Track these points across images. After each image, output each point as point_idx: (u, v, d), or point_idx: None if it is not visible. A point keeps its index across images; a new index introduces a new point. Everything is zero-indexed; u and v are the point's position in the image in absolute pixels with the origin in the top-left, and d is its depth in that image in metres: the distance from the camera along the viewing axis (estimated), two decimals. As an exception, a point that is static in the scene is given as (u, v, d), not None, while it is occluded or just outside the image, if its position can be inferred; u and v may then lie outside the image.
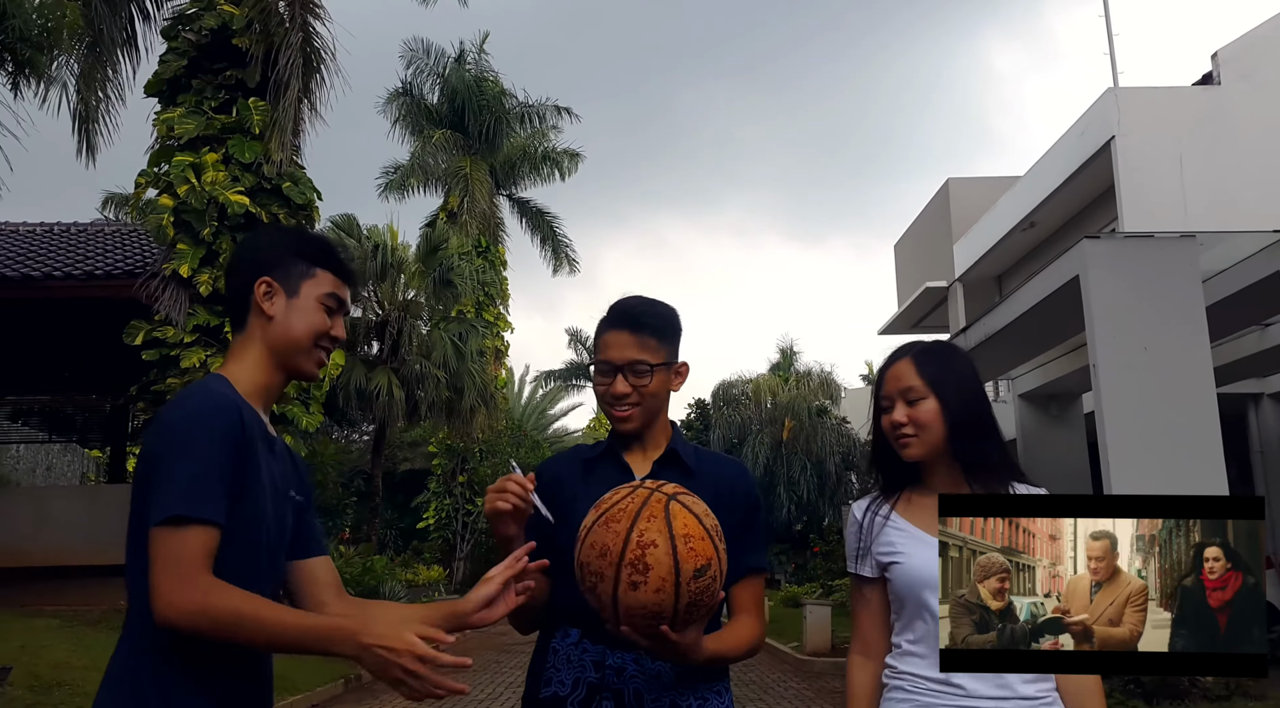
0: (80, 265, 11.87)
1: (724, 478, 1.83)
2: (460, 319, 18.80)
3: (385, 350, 17.23)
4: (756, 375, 32.06)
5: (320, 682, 9.48)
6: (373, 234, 18.01)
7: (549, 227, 31.13)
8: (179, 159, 11.25)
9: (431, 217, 27.98)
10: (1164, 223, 11.19)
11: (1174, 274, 6.11)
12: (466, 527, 24.63)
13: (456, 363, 17.48)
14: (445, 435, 22.03)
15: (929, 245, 18.07)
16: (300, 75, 11.30)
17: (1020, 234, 14.55)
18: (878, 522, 1.81)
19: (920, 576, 1.72)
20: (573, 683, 1.75)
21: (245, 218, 11.32)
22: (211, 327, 11.20)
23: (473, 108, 27.32)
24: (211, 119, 11.55)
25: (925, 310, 18.39)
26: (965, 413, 1.75)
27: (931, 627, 1.71)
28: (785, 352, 37.97)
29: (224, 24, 11.58)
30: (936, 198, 18.03)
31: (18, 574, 11.21)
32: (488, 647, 15.57)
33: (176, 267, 11.05)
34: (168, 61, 11.94)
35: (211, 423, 1.46)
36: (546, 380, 40.51)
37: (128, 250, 12.85)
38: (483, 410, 18.58)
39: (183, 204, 11.14)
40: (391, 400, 16.57)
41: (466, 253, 19.87)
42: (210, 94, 11.72)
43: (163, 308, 11.04)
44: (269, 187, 11.62)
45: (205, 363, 10.97)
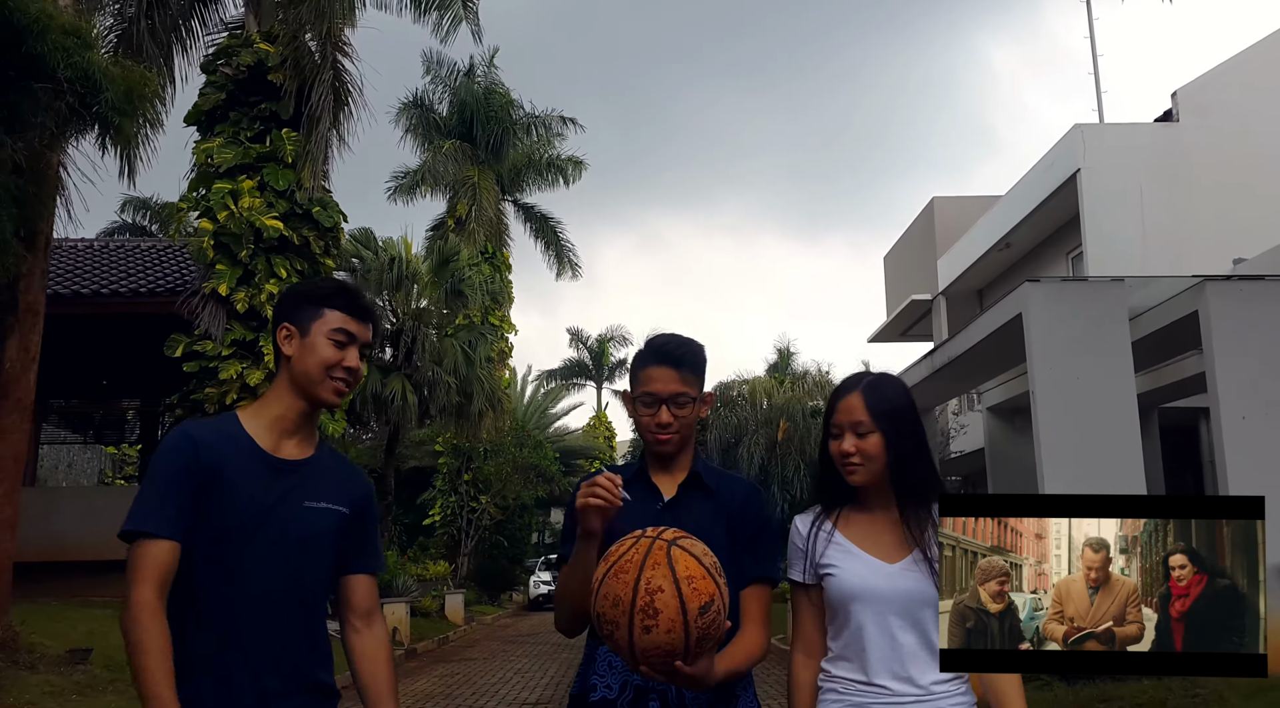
0: (125, 283, 12.84)
1: (738, 496, 2.02)
2: (470, 327, 19.75)
3: (400, 357, 18.20)
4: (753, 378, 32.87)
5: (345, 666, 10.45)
6: (388, 246, 18.98)
7: (553, 232, 31.97)
8: (219, 186, 12.20)
9: (439, 220, 28.94)
10: (1124, 250, 12.20)
11: (1104, 314, 7.07)
12: (470, 524, 25.49)
13: (466, 369, 18.46)
14: (451, 435, 22.94)
15: (915, 259, 19.07)
16: (331, 109, 12.25)
17: (997, 253, 15.56)
18: (821, 536, 1.94)
19: (849, 588, 1.86)
20: (620, 687, 1.89)
21: (279, 240, 12.29)
22: (247, 341, 12.17)
23: (481, 119, 28.21)
24: (248, 148, 12.50)
25: (911, 321, 19.39)
26: (905, 446, 1.88)
27: (858, 635, 1.85)
28: (782, 352, 38.83)
29: (260, 60, 12.53)
30: (922, 215, 19.02)
31: (66, 568, 12.17)
32: (495, 638, 16.57)
33: (216, 285, 12.01)
34: (206, 94, 12.89)
35: (165, 456, 1.76)
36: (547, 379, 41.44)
37: (167, 268, 13.82)
38: (490, 414, 19.57)
39: (222, 228, 12.10)
40: (405, 405, 17.55)
41: (476, 264, 20.80)
42: (246, 125, 12.66)
43: (203, 323, 12.00)
44: (300, 211, 12.58)
45: (241, 374, 11.95)
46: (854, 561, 1.87)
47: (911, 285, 18.75)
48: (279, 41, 12.65)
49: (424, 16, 14.57)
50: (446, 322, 19.27)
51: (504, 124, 28.68)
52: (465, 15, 14.63)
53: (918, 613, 1.82)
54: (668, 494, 1.99)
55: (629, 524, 1.79)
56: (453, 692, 9.62)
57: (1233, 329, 7.08)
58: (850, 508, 1.95)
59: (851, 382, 1.96)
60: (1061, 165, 12.68)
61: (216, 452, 1.78)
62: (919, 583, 1.82)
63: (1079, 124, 12.61)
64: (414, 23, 14.84)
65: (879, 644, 1.82)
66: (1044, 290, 7.21)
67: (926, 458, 1.92)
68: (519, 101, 29.55)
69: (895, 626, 1.82)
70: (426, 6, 14.10)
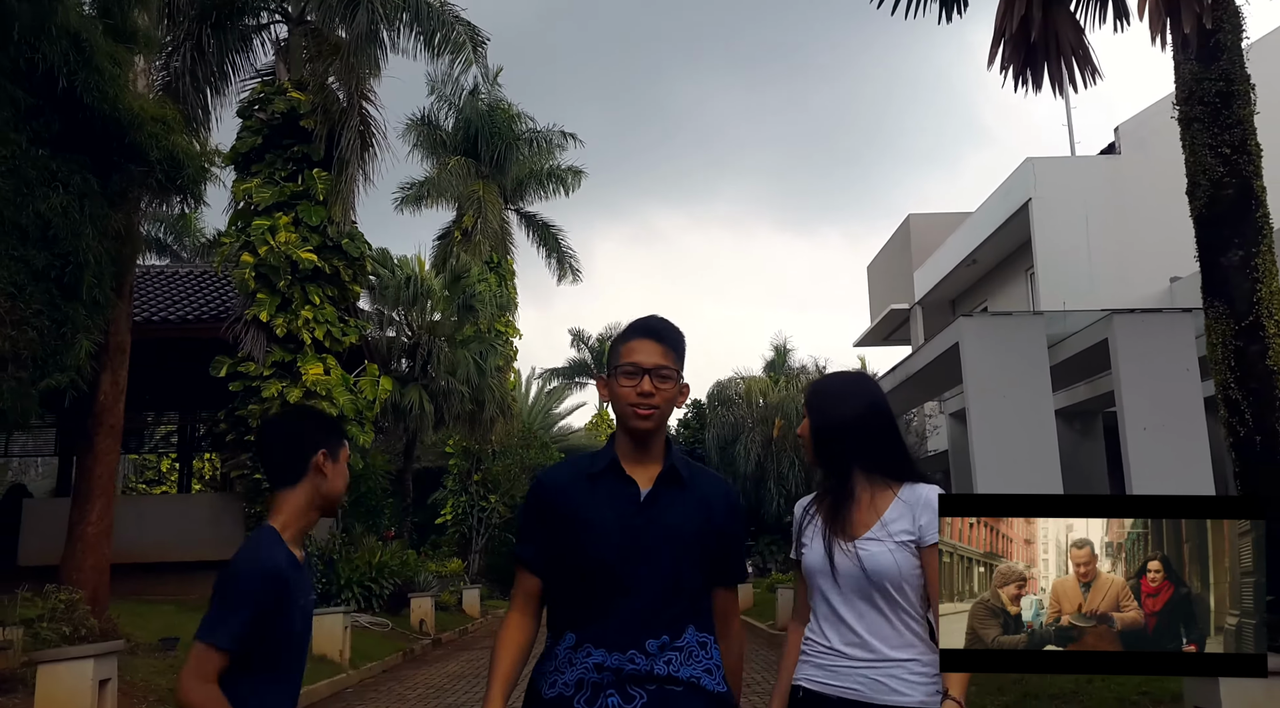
0: (173, 309, 14.22)
1: (712, 493, 2.00)
2: (480, 339, 21.09)
3: (416, 369, 19.56)
4: (749, 377, 34.06)
5: (387, 653, 11.85)
6: (403, 264, 20.35)
7: (554, 239, 33.19)
8: (258, 223, 13.56)
9: (445, 229, 30.25)
10: (1072, 270, 13.57)
11: (1026, 343, 8.42)
12: (481, 522, 26.76)
13: (478, 379, 19.84)
14: (461, 438, 24.23)
15: (894, 271, 20.44)
16: (358, 152, 13.61)
17: (965, 268, 16.93)
18: (807, 517, 2.09)
19: (810, 563, 2.01)
20: (576, 683, 1.86)
21: (313, 271, 13.67)
22: (286, 362, 13.55)
23: (485, 135, 29.47)
24: (282, 187, 13.87)
25: (891, 328, 20.77)
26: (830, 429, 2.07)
27: (820, 604, 2.00)
28: (779, 349, 40.06)
29: (292, 108, 13.89)
30: (900, 230, 20.39)
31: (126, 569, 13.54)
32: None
33: (257, 313, 13.39)
34: (243, 137, 14.26)
35: (251, 584, 1.94)
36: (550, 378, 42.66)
37: (208, 294, 15.19)
38: (501, 420, 20.95)
39: (262, 261, 13.46)
40: (422, 413, 18.93)
41: (485, 278, 22.13)
42: (280, 166, 14.03)
43: (245, 346, 13.39)
44: (331, 244, 13.96)
45: (282, 393, 13.33)
46: (818, 538, 2.01)
47: (890, 295, 20.12)
48: (309, 89, 14.01)
49: (437, 59, 15.88)
50: (459, 334, 20.61)
51: (507, 139, 29.95)
52: (475, 59, 15.95)
53: (874, 584, 1.93)
54: (644, 487, 1.96)
55: (607, 517, 1.89)
56: (479, 674, 10.99)
57: (1135, 354, 8.45)
58: (836, 491, 2.06)
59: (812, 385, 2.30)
60: (1016, 194, 14.03)
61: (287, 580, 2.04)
62: (875, 557, 1.92)
63: (1030, 157, 13.97)
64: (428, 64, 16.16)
65: (836, 613, 1.95)
66: (976, 323, 8.56)
67: (878, 445, 2.04)
68: (522, 115, 30.81)
69: (850, 596, 1.95)
70: (440, 51, 15.37)
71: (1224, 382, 5.97)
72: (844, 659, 1.94)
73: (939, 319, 18.81)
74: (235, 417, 13.76)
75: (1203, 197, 6.24)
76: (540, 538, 1.98)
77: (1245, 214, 6.07)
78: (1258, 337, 5.90)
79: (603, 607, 1.88)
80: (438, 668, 11.62)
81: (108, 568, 8.94)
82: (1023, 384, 8.44)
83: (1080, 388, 11.82)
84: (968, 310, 17.98)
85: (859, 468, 2.02)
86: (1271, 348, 5.89)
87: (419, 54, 15.72)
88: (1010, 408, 8.38)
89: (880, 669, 1.90)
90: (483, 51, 16.06)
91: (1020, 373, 8.42)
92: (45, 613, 6.98)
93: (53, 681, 5.61)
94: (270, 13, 15.14)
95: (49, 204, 7.33)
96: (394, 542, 18.60)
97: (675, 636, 1.89)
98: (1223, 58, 6.16)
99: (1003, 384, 8.39)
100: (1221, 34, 6.15)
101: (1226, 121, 6.13)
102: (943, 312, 19.02)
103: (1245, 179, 6.09)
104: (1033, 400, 8.43)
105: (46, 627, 6.88)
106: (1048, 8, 6.86)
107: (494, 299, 23.02)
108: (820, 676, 1.97)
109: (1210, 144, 6.17)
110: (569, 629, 1.91)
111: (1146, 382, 8.38)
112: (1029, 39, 6.86)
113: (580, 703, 1.85)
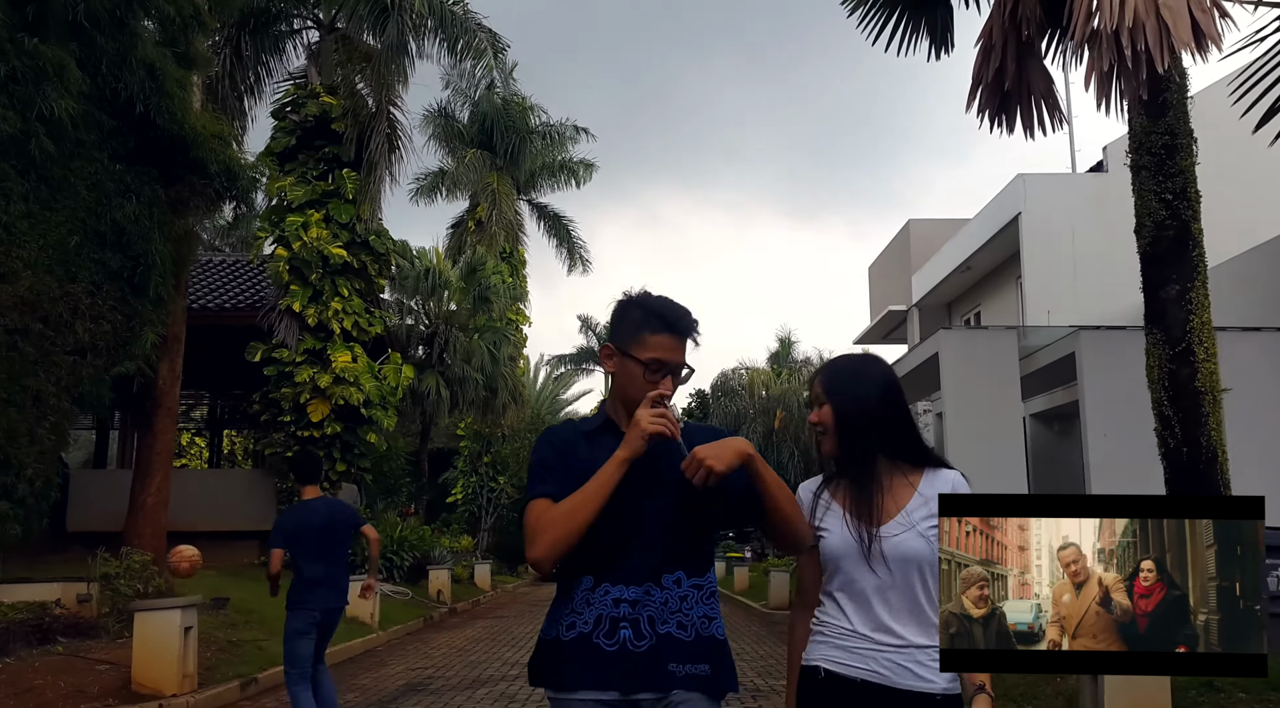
0: (211, 298, 15.15)
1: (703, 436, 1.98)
2: (495, 329, 21.98)
3: (434, 356, 20.47)
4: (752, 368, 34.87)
5: (410, 619, 12.84)
6: (421, 256, 21.22)
7: (565, 230, 34.01)
8: (292, 220, 14.45)
9: (459, 218, 31.11)
10: (1057, 281, 14.37)
11: (999, 354, 9.26)
12: (490, 502, 27.82)
13: (492, 367, 20.74)
14: (473, 421, 25.19)
15: (893, 273, 21.25)
16: (385, 154, 14.48)
17: (960, 274, 17.73)
18: (820, 503, 2.08)
19: (837, 547, 2.00)
20: (595, 620, 1.96)
21: (342, 265, 14.57)
22: (316, 349, 14.47)
23: (500, 128, 30.24)
24: (314, 186, 14.75)
25: (889, 328, 21.60)
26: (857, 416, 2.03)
27: (844, 588, 1.99)
28: (784, 341, 40.83)
29: (324, 111, 14.74)
30: (899, 235, 21.17)
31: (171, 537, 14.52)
32: (519, 602, 18.96)
33: (290, 303, 14.30)
34: (278, 138, 15.12)
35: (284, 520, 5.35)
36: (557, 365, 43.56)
37: (243, 283, 16.11)
38: (513, 406, 21.88)
39: (295, 255, 14.36)
40: (439, 399, 19.85)
41: (499, 271, 23.00)
42: (312, 166, 14.91)
43: (279, 334, 14.31)
44: (359, 240, 14.85)
45: (313, 378, 14.26)
46: (839, 523, 2.00)
47: (890, 297, 20.94)
48: (340, 94, 14.86)
49: (459, 65, 16.68)
50: (473, 324, 21.51)
51: (521, 133, 30.72)
52: (496, 64, 16.76)
53: (899, 570, 1.93)
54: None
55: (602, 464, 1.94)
56: (495, 638, 11.96)
57: (1097, 366, 9.29)
58: (846, 478, 2.06)
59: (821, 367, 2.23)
60: (1007, 207, 14.82)
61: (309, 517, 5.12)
62: (904, 542, 1.93)
63: (1021, 173, 14.75)
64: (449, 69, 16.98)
65: (862, 598, 1.95)
66: (954, 336, 9.41)
67: (898, 429, 2.03)
68: (536, 108, 31.56)
69: (877, 581, 1.94)
70: (462, 57, 16.17)
71: (1158, 399, 6.82)
72: (868, 643, 1.94)
73: (934, 322, 19.63)
74: (269, 398, 14.70)
75: (1147, 236, 7.06)
76: (559, 475, 2.00)
77: (1183, 253, 6.90)
78: (1189, 361, 6.74)
79: (616, 549, 1.95)
80: (456, 633, 12.59)
81: (164, 535, 9.89)
82: (995, 392, 9.30)
83: (1059, 392, 12.66)
84: (963, 313, 18.83)
85: (882, 454, 2.02)
86: (1200, 372, 6.73)
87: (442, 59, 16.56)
88: (983, 412, 9.25)
89: (905, 654, 1.91)
90: (503, 58, 16.90)
91: (993, 381, 9.28)
92: (121, 571, 7.95)
93: (148, 626, 6.60)
94: (302, 19, 15.96)
95: (124, 213, 8.23)
96: (411, 518, 19.62)
97: (687, 574, 1.98)
98: (1169, 114, 6.98)
99: (976, 391, 9.26)
100: (1168, 93, 6.96)
101: (1170, 171, 6.95)
102: (938, 315, 19.84)
103: (1184, 222, 6.91)
104: (1003, 406, 9.30)
105: (124, 583, 7.86)
106: (1021, 59, 7.65)
107: (508, 291, 23.89)
108: (841, 657, 1.96)
109: (1155, 190, 7.00)
110: (585, 573, 1.98)
111: (1106, 392, 9.22)
112: (1003, 87, 7.64)
113: (599, 638, 1.95)
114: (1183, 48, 5.89)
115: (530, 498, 2.00)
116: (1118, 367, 9.25)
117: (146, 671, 6.66)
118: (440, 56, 16.46)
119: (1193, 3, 5.95)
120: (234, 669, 7.85)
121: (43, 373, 7.72)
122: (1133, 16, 5.90)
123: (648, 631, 1.94)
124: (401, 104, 14.92)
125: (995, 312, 16.95)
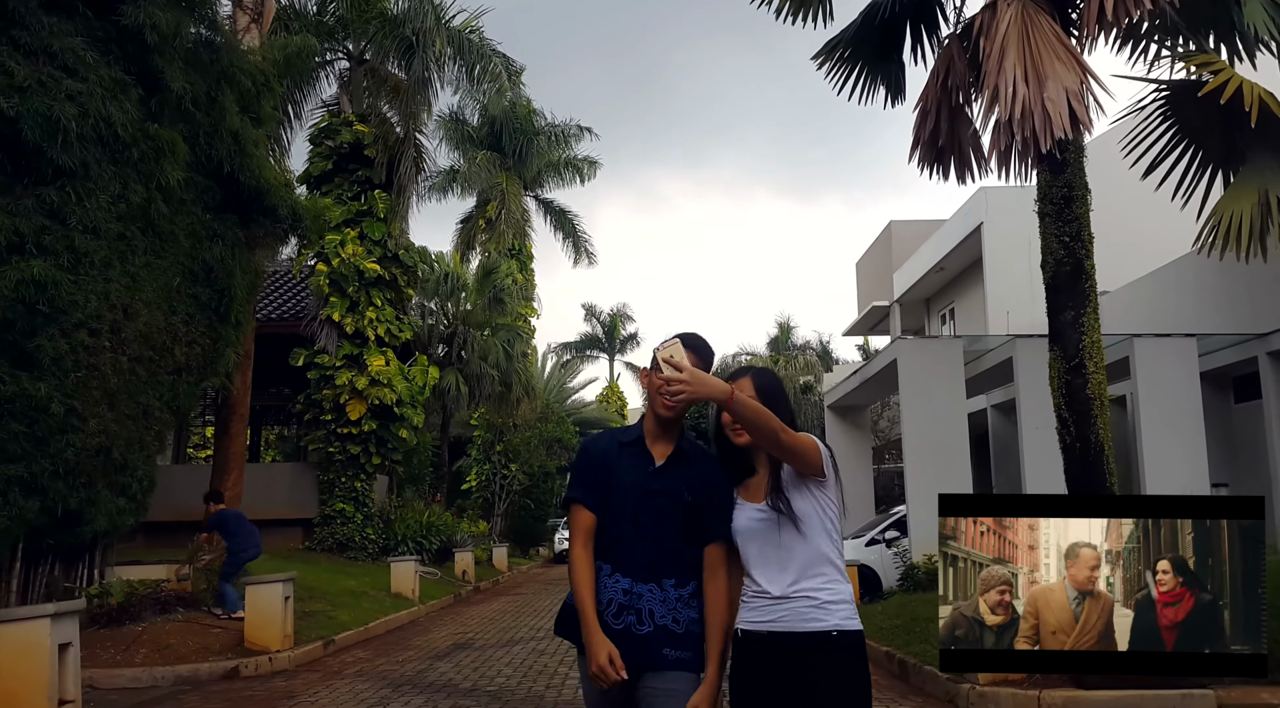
0: (260, 308, 16.86)
1: (708, 468, 2.54)
2: (508, 327, 23.66)
3: (453, 354, 22.17)
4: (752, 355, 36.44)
5: (442, 594, 14.61)
6: (439, 260, 22.89)
7: (570, 224, 35.58)
8: (330, 237, 16.12)
9: (467, 214, 32.68)
10: (1016, 284, 15.99)
11: (947, 361, 10.90)
12: (503, 489, 29.55)
13: (506, 364, 22.44)
14: (488, 413, 26.88)
15: (877, 271, 22.88)
16: (413, 177, 16.13)
17: (935, 274, 19.36)
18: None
19: (738, 529, 2.50)
20: (606, 602, 2.44)
21: (375, 278, 16.26)
22: (354, 355, 16.18)
23: (509, 130, 31.78)
24: (349, 206, 16.42)
25: (874, 322, 23.24)
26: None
27: (743, 556, 2.48)
28: (783, 326, 42.44)
29: (357, 139, 16.38)
30: (882, 234, 22.78)
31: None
32: (534, 581, 20.76)
33: (330, 313, 16.01)
34: (314, 162, 16.78)
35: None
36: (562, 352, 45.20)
37: (284, 294, 17.81)
38: (526, 399, 23.60)
39: (334, 270, 16.05)
40: (458, 394, 21.57)
41: (511, 274, 24.66)
42: (347, 187, 16.57)
43: (320, 341, 16.04)
44: (390, 255, 16.53)
45: (351, 381, 15.98)
46: (739, 510, 2.50)
47: (874, 293, 22.58)
48: (370, 122, 16.49)
49: (476, 89, 18.27)
50: (489, 323, 23.21)
51: (528, 134, 32.27)
52: (510, 87, 18.38)
53: (773, 538, 2.39)
54: (658, 460, 2.52)
55: (628, 479, 2.47)
56: (520, 610, 13.73)
57: (1030, 369, 10.92)
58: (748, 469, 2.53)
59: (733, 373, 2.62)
60: (971, 217, 16.42)
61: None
62: (771, 518, 2.40)
63: (983, 187, 16.35)
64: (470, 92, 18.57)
65: (748, 561, 2.45)
66: (910, 345, 11.06)
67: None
68: (541, 112, 33.09)
69: (760, 548, 2.43)
70: (479, 81, 17.77)
71: (1058, 404, 8.48)
72: (762, 598, 2.39)
73: (915, 316, 21.26)
74: (311, 399, 16.45)
75: (1050, 271, 8.70)
76: (591, 481, 2.50)
77: (1077, 284, 8.53)
78: (1081, 373, 8.39)
79: (628, 547, 2.45)
80: (484, 606, 14.36)
81: (239, 525, 11.60)
82: (943, 394, 10.97)
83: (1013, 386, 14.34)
84: (939, 310, 20.47)
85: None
86: (1091, 381, 8.38)
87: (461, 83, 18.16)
88: (933, 412, 10.92)
89: (785, 603, 2.35)
90: (517, 79, 18.49)
91: (941, 385, 10.95)
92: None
93: (258, 596, 8.35)
94: (334, 51, 17.56)
95: (212, 254, 9.91)
96: (436, 505, 21.40)
97: (682, 581, 2.45)
98: (1067, 171, 8.60)
99: (928, 393, 10.93)
100: (1068, 152, 8.59)
101: (1068, 217, 8.57)
102: (918, 310, 21.48)
103: (1079, 260, 8.54)
104: (950, 406, 10.97)
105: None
106: (952, 120, 9.26)
107: (519, 291, 25.54)
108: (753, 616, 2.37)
109: (1056, 234, 8.62)
110: (604, 561, 2.46)
111: (1037, 391, 10.87)
112: (938, 143, 9.26)
113: (608, 616, 2.41)
114: (1061, 132, 7.50)
115: (567, 498, 2.60)
116: (1045, 369, 10.90)
117: (257, 632, 8.42)
118: (459, 80, 18.09)
119: (1070, 95, 7.56)
120: (315, 633, 9.62)
121: (150, 391, 9.42)
122: (1022, 108, 7.52)
123: (648, 620, 2.43)
124: (426, 132, 16.56)
125: (966, 309, 18.59)
